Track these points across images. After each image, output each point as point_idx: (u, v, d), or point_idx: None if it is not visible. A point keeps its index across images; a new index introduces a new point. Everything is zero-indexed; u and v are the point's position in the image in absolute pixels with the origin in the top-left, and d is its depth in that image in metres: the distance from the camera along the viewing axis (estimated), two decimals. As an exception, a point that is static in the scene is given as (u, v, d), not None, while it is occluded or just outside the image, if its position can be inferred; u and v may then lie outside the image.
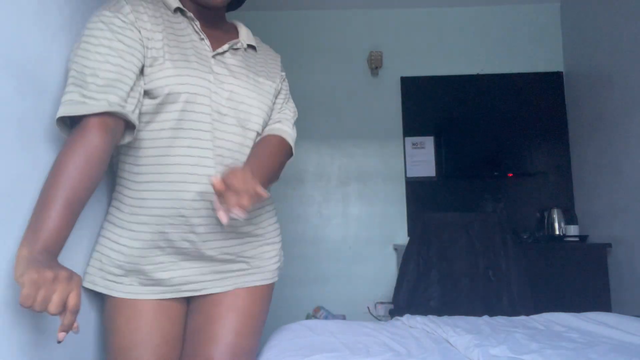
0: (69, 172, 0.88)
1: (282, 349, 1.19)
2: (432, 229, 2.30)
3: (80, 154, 0.90)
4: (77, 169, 0.89)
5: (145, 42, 1.02)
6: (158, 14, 1.08)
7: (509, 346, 1.17)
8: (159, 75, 1.02)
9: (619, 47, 2.75)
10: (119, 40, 0.99)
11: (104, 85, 0.94)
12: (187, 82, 1.04)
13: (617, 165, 2.79)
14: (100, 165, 0.93)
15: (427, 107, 3.39)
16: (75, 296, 0.78)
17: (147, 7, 1.07)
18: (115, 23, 1.00)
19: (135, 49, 1.00)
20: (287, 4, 3.44)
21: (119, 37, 0.99)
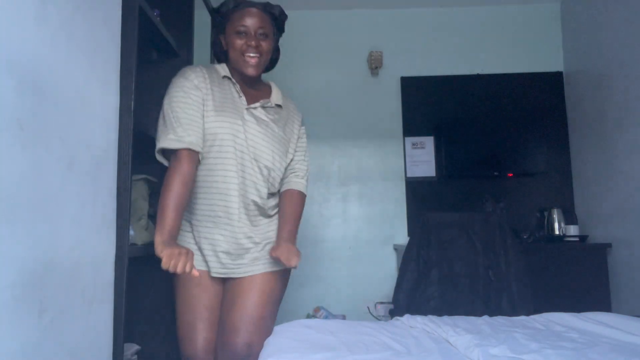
0: (173, 189, 1.42)
1: (281, 347, 1.19)
2: (432, 229, 2.30)
3: (179, 177, 1.44)
4: (177, 186, 1.43)
5: (203, 100, 1.52)
6: (212, 79, 1.57)
7: (509, 346, 1.17)
8: (207, 120, 1.51)
9: (619, 47, 2.75)
10: (190, 97, 1.50)
11: (187, 129, 1.46)
12: (223, 125, 1.51)
13: (617, 165, 2.79)
14: (190, 183, 1.46)
15: (427, 107, 3.38)
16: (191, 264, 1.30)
17: (205, 74, 1.56)
18: (187, 85, 1.51)
19: (199, 104, 1.51)
20: (287, 4, 3.43)
21: (190, 96, 1.50)
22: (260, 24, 1.56)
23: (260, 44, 1.56)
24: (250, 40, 1.55)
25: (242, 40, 1.55)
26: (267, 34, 1.57)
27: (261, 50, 1.56)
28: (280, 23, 1.66)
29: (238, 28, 1.55)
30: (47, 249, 1.05)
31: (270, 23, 1.60)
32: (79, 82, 1.20)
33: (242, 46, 1.55)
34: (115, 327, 1.38)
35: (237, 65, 1.58)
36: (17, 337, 0.93)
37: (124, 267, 1.41)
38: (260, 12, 1.57)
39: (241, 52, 1.55)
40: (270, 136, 1.57)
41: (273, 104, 1.63)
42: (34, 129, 1.00)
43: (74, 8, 1.18)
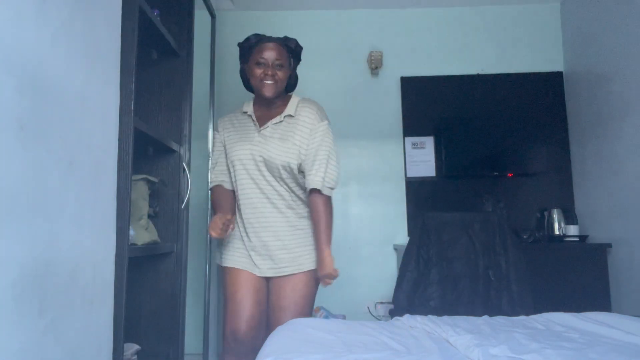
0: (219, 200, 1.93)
1: (281, 346, 1.19)
2: (432, 229, 2.30)
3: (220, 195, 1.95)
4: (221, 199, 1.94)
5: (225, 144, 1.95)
6: (234, 119, 1.98)
7: (509, 346, 1.17)
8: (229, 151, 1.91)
9: (619, 47, 2.75)
10: (218, 149, 1.99)
11: (219, 173, 1.97)
12: (238, 152, 1.87)
13: (617, 165, 2.79)
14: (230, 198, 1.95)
15: (427, 107, 3.38)
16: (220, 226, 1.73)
17: (228, 120, 1.99)
18: (216, 139, 2.00)
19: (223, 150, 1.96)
20: (288, 4, 3.44)
21: (218, 147, 1.99)
22: (277, 56, 1.82)
23: (276, 73, 1.82)
24: (268, 69, 1.81)
25: (260, 70, 1.82)
26: (283, 65, 1.84)
27: (277, 79, 1.83)
28: (297, 54, 1.94)
29: (258, 60, 1.82)
30: (47, 249, 1.05)
31: (286, 55, 1.86)
32: (79, 82, 1.20)
33: (261, 74, 1.82)
34: (115, 327, 1.38)
35: (257, 89, 1.86)
36: (17, 337, 0.93)
37: (124, 267, 1.41)
38: (278, 46, 1.84)
39: (260, 79, 1.82)
40: (275, 146, 1.83)
41: (282, 118, 1.87)
42: (34, 129, 1.00)
43: (74, 8, 1.18)
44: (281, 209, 1.86)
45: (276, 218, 1.85)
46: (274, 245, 1.84)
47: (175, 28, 2.04)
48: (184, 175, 2.00)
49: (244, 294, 1.82)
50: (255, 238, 1.85)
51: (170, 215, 1.97)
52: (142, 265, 1.89)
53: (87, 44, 1.25)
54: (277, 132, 1.85)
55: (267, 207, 1.85)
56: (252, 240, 1.86)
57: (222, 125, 1.98)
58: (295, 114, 1.88)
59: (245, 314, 1.80)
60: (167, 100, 2.02)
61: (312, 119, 1.88)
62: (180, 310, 1.91)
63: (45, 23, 1.05)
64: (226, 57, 3.41)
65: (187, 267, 1.99)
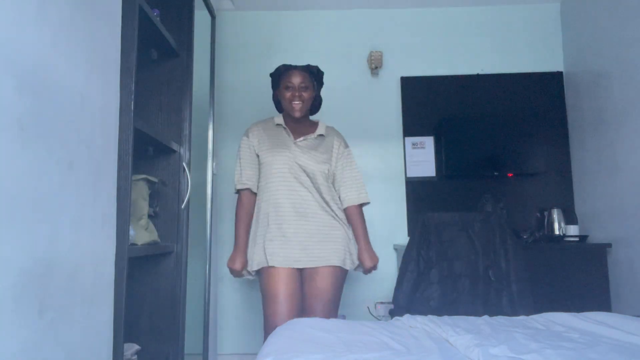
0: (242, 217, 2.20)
1: (281, 346, 1.19)
2: (432, 229, 2.30)
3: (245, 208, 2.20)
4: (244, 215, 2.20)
5: (256, 150, 2.20)
6: (267, 128, 2.24)
7: (509, 346, 1.17)
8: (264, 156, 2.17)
9: (619, 47, 2.75)
10: (248, 154, 2.22)
11: (249, 178, 2.19)
12: (275, 157, 2.13)
13: (617, 165, 2.79)
14: (252, 210, 2.21)
15: (427, 107, 3.38)
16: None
17: (260, 128, 2.24)
18: (245, 144, 2.23)
19: (253, 156, 2.21)
20: (288, 4, 3.44)
21: (247, 152, 2.22)
22: (302, 80, 2.15)
23: (302, 94, 2.15)
24: (295, 92, 2.15)
25: (289, 93, 2.16)
26: (308, 87, 2.17)
27: (303, 99, 2.15)
28: (319, 78, 2.25)
29: (287, 84, 2.16)
30: (47, 249, 1.05)
31: (309, 79, 2.18)
32: (79, 82, 1.20)
33: (290, 96, 2.16)
34: (115, 327, 1.38)
35: (287, 110, 2.19)
36: (17, 337, 0.93)
37: (124, 267, 1.41)
38: (302, 72, 2.17)
39: (289, 100, 2.16)
40: (312, 156, 2.15)
41: (316, 135, 2.22)
42: (34, 129, 1.00)
43: (74, 8, 1.18)
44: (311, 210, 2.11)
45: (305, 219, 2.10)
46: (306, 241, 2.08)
47: (175, 28, 2.04)
48: (184, 175, 2.00)
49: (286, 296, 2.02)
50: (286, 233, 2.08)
51: (170, 215, 1.96)
52: (142, 265, 1.89)
53: (87, 44, 1.25)
54: (312, 145, 2.18)
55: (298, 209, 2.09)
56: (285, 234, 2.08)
57: (253, 133, 2.22)
58: (326, 135, 2.25)
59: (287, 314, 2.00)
60: (167, 100, 2.02)
61: (341, 142, 2.28)
62: (180, 310, 1.91)
63: (46, 23, 1.05)
64: (226, 57, 3.41)
65: (187, 267, 1.99)
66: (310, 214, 2.10)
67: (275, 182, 2.11)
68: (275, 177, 2.11)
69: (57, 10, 1.10)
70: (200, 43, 2.43)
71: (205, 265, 2.60)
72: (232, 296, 3.23)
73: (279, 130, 2.22)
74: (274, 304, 2.01)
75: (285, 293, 2.01)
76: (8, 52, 0.92)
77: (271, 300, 2.02)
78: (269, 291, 2.04)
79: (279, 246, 2.06)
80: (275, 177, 2.11)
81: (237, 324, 3.21)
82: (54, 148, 1.08)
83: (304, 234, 2.08)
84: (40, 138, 1.02)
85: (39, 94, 1.02)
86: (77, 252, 1.17)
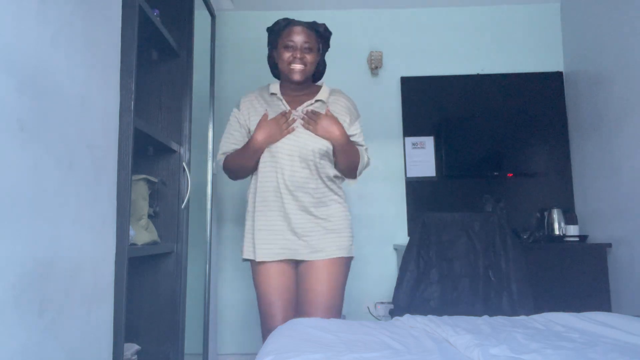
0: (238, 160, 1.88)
1: (281, 345, 1.19)
2: (432, 229, 2.30)
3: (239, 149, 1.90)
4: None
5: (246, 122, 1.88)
6: (261, 99, 1.91)
7: (509, 346, 1.17)
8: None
9: (619, 47, 2.75)
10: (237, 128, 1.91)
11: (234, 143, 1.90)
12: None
13: (617, 165, 2.79)
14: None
15: (427, 107, 3.38)
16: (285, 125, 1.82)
17: (253, 98, 1.92)
18: (234, 116, 1.92)
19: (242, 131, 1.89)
20: (288, 4, 3.44)
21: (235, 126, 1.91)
22: (306, 39, 1.80)
23: (305, 56, 1.80)
24: (296, 52, 1.79)
25: (289, 53, 1.80)
26: (312, 48, 1.81)
27: (305, 61, 1.80)
28: (326, 39, 1.90)
29: (286, 43, 1.80)
30: (47, 249, 1.05)
31: (315, 39, 1.83)
32: (79, 82, 1.20)
33: (289, 58, 1.79)
34: (115, 327, 1.38)
35: (285, 74, 1.84)
36: (17, 337, 0.93)
37: (124, 267, 1.41)
38: (306, 29, 1.81)
39: (288, 62, 1.80)
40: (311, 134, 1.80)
41: (314, 101, 1.87)
42: (34, 129, 1.00)
43: (74, 8, 1.18)
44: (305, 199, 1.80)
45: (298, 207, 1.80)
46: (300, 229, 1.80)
47: (175, 28, 2.04)
48: (184, 175, 2.00)
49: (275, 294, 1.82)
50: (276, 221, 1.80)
51: (170, 215, 1.97)
52: (142, 265, 1.89)
53: (87, 44, 1.25)
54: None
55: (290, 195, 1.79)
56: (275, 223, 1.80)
57: (245, 105, 1.90)
58: (329, 101, 1.88)
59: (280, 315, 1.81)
60: (167, 100, 2.02)
61: (351, 109, 1.94)
62: (180, 310, 1.91)
63: (46, 23, 1.05)
64: (226, 57, 3.41)
65: (187, 267, 1.99)
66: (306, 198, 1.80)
67: (268, 162, 1.81)
68: (267, 156, 1.81)
69: (57, 11, 1.10)
70: (200, 43, 2.43)
71: (205, 265, 2.60)
72: (232, 296, 3.23)
73: (273, 101, 1.88)
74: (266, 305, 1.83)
75: (278, 291, 1.81)
76: (8, 53, 0.92)
77: (263, 297, 1.85)
78: (259, 288, 1.85)
79: (269, 237, 1.81)
80: (267, 156, 1.81)
81: (237, 324, 3.21)
82: (54, 148, 1.08)
83: (298, 221, 1.79)
84: (40, 138, 1.02)
85: (39, 94, 1.02)
86: (77, 252, 1.17)
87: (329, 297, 1.80)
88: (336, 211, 1.86)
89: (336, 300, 1.83)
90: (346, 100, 1.94)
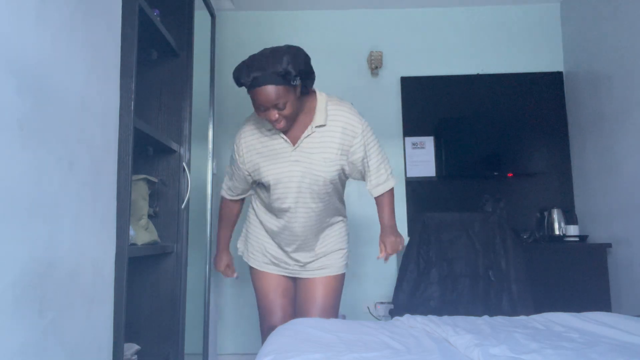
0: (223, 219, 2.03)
1: (281, 345, 1.19)
2: (432, 229, 2.30)
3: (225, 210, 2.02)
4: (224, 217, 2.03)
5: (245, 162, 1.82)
6: (260, 134, 1.79)
7: (509, 346, 1.17)
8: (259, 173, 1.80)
9: (619, 47, 2.75)
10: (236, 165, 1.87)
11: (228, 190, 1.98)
12: (272, 172, 1.76)
13: (617, 165, 2.79)
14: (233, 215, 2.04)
15: (427, 107, 3.38)
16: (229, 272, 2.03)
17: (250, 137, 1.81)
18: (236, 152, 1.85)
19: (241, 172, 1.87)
20: (287, 4, 3.44)
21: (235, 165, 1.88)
22: (275, 99, 1.56)
23: (281, 112, 1.61)
24: (269, 114, 1.61)
25: (264, 113, 1.63)
26: (286, 102, 1.59)
27: (284, 115, 1.62)
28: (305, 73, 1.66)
29: (257, 105, 1.61)
30: (47, 249, 1.05)
31: (285, 89, 1.57)
32: (79, 82, 1.20)
33: (265, 117, 1.64)
34: (115, 327, 1.38)
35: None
36: (17, 336, 0.93)
37: (124, 267, 1.41)
38: (272, 87, 1.55)
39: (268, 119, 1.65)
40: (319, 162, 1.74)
41: (313, 130, 1.72)
42: (34, 129, 1.00)
43: (74, 8, 1.18)
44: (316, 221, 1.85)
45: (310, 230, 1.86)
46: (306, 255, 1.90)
47: (175, 28, 2.04)
48: (184, 175, 2.00)
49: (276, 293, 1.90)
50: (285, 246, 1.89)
51: (170, 215, 1.97)
52: (142, 265, 1.89)
53: (87, 44, 1.25)
54: (314, 146, 1.72)
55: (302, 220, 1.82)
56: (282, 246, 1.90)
57: (245, 145, 1.80)
58: (327, 122, 1.73)
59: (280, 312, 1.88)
60: (167, 100, 2.02)
61: (352, 125, 1.75)
62: (180, 310, 1.91)
63: (46, 23, 1.05)
64: (226, 57, 3.41)
65: (187, 267, 1.99)
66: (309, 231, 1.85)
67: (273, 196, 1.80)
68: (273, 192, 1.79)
69: (57, 11, 1.10)
70: (200, 43, 2.43)
71: (205, 265, 2.60)
72: (232, 296, 3.23)
73: (273, 135, 1.77)
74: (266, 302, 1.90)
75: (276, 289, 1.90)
76: (8, 53, 0.92)
77: (262, 295, 1.92)
78: (258, 287, 1.94)
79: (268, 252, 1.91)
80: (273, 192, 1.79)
81: (237, 324, 3.21)
82: (54, 148, 1.08)
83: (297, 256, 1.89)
84: (40, 138, 1.02)
85: (39, 94, 1.02)
86: (77, 252, 1.17)
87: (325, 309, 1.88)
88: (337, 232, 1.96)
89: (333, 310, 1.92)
90: (344, 116, 1.75)
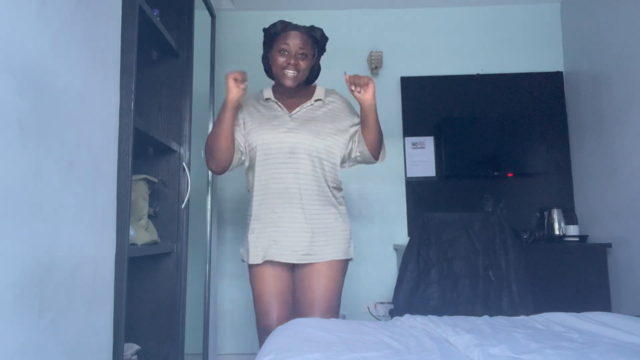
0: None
1: (281, 345, 1.19)
2: (432, 229, 2.30)
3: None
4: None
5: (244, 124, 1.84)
6: (257, 104, 1.88)
7: (509, 346, 1.17)
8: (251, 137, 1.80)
9: (619, 47, 2.75)
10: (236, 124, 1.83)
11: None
12: (265, 136, 1.78)
13: (617, 165, 2.79)
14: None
15: (427, 107, 3.38)
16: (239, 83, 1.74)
17: (250, 103, 1.89)
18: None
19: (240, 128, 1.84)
20: (288, 4, 3.44)
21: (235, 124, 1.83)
22: (301, 45, 1.78)
23: (299, 63, 1.78)
24: (290, 59, 1.77)
25: (283, 58, 1.78)
26: (307, 54, 1.79)
27: (299, 68, 1.78)
28: (322, 44, 1.88)
29: (281, 47, 1.78)
30: (47, 249, 1.05)
31: (311, 45, 1.81)
32: (79, 82, 1.20)
33: (283, 63, 1.78)
34: (115, 327, 1.38)
35: (278, 78, 1.83)
36: (17, 336, 0.93)
37: (124, 267, 1.41)
38: (303, 35, 1.78)
39: (282, 67, 1.79)
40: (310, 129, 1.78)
41: (313, 101, 1.85)
42: (34, 129, 1.00)
43: (74, 8, 1.18)
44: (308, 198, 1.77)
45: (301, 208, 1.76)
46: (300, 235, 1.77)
47: (175, 28, 2.04)
48: (184, 175, 2.00)
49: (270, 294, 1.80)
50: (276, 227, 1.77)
51: (170, 215, 1.97)
52: (142, 265, 1.89)
53: (87, 44, 1.25)
54: (310, 116, 1.81)
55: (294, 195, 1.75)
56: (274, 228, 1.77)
57: (247, 107, 1.87)
58: (326, 100, 1.89)
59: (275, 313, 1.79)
60: (167, 100, 2.02)
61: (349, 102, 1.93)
62: (180, 310, 1.91)
63: (46, 23, 1.05)
64: (226, 57, 3.41)
65: (187, 267, 1.99)
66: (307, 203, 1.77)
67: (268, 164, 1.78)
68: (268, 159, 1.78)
69: (57, 11, 1.10)
70: (200, 43, 2.43)
71: (205, 266, 2.60)
72: (232, 296, 3.23)
73: (270, 104, 1.88)
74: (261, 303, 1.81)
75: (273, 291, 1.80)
76: (8, 53, 0.92)
77: (258, 296, 1.83)
78: (255, 288, 1.84)
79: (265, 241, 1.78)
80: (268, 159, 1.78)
81: (237, 324, 3.21)
82: (54, 148, 1.08)
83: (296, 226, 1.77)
84: (40, 138, 1.02)
85: (39, 94, 1.02)
86: (77, 252, 1.17)
87: (327, 299, 1.78)
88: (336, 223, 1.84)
89: (334, 302, 1.81)
90: (343, 100, 1.94)
